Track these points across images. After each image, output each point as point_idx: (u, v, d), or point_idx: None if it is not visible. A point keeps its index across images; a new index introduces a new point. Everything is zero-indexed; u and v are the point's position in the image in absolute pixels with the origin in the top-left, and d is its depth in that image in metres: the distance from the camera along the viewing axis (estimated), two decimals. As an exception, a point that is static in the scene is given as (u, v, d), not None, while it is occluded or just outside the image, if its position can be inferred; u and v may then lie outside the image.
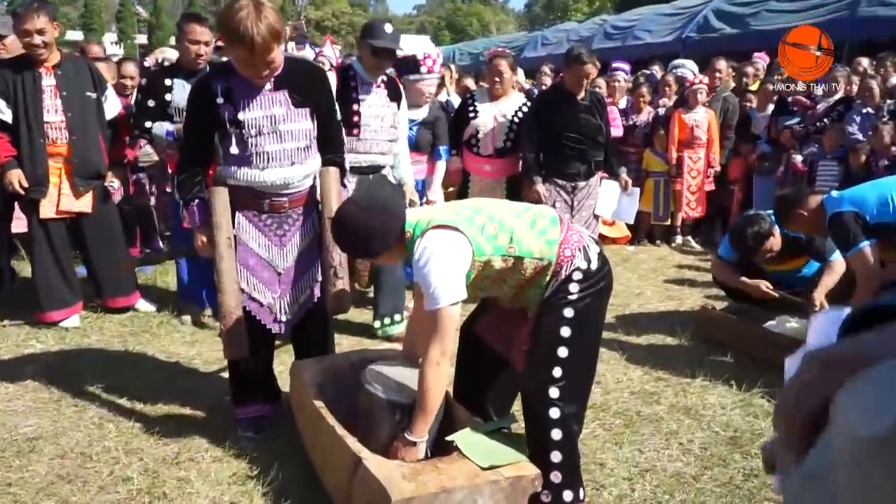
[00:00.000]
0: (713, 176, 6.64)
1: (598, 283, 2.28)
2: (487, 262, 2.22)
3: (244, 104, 2.63)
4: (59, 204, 4.03)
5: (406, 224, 2.27)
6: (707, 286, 5.39)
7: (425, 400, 2.17)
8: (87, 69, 4.15)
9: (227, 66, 2.69)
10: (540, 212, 2.33)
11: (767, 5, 11.69)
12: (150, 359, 3.75)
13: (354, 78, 3.83)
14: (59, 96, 3.95)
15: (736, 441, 2.92)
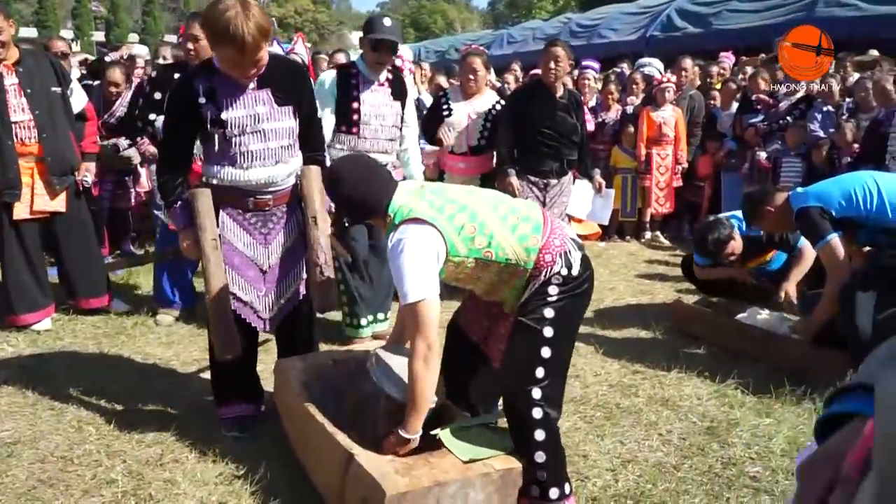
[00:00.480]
0: (681, 172, 6.78)
1: (578, 287, 2.28)
2: (461, 262, 2.24)
3: (227, 103, 2.62)
4: (33, 204, 3.95)
5: (391, 205, 2.28)
6: (677, 280, 5.50)
7: (416, 396, 2.19)
8: (48, 64, 4.06)
9: (209, 65, 2.67)
10: (525, 216, 2.31)
11: (729, 5, 11.94)
12: (126, 360, 3.70)
13: (356, 76, 3.78)
14: (24, 94, 3.86)
15: (713, 431, 3.00)
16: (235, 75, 2.57)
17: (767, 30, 10.69)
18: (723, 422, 3.08)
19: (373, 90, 3.78)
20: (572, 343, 2.40)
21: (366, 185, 2.30)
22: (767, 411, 3.16)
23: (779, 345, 3.69)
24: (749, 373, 3.50)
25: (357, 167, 2.37)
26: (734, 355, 3.78)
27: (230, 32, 2.39)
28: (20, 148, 3.87)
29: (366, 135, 3.78)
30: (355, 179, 2.30)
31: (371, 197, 2.29)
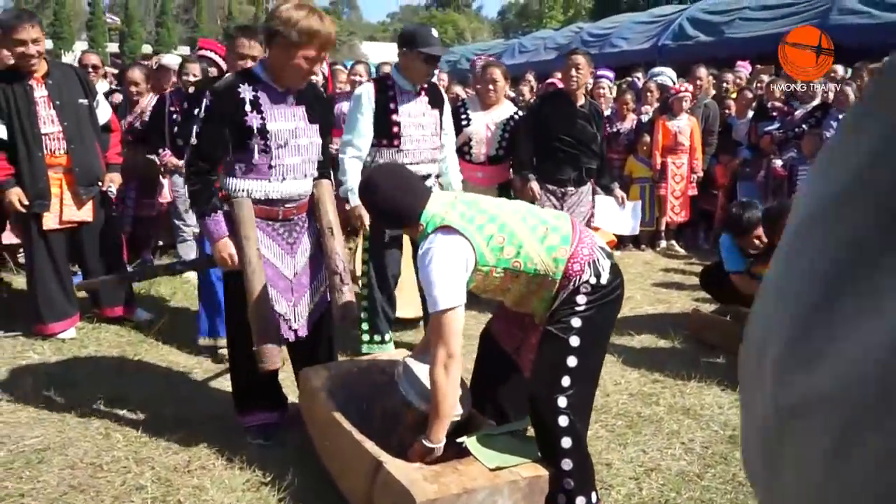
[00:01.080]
0: (696, 181, 6.78)
1: (607, 296, 2.31)
2: (490, 272, 2.27)
3: (270, 114, 2.67)
4: (62, 214, 4.01)
5: (423, 214, 2.32)
6: (694, 289, 5.50)
7: (438, 404, 2.21)
8: (75, 76, 4.13)
9: (251, 74, 2.71)
10: (554, 227, 2.35)
11: (741, 14, 11.95)
12: (150, 368, 3.75)
13: (393, 87, 3.73)
14: (53, 106, 3.93)
15: (735, 439, 3.01)
16: (290, 82, 2.67)
17: (780, 38, 10.66)
18: (745, 430, 3.08)
19: (410, 101, 3.74)
20: (602, 352, 2.42)
21: (400, 193, 2.34)
22: (789, 420, 3.16)
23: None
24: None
25: (392, 175, 2.43)
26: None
27: (320, 31, 2.53)
28: (49, 159, 3.94)
29: (406, 147, 3.70)
30: (390, 187, 2.35)
31: (404, 205, 2.33)
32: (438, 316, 2.17)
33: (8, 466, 2.73)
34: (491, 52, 18.21)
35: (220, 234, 2.70)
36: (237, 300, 2.80)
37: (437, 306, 2.16)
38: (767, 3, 12.18)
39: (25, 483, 2.62)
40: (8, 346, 3.98)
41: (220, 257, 2.72)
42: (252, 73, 2.71)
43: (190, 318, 4.51)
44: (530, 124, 4.78)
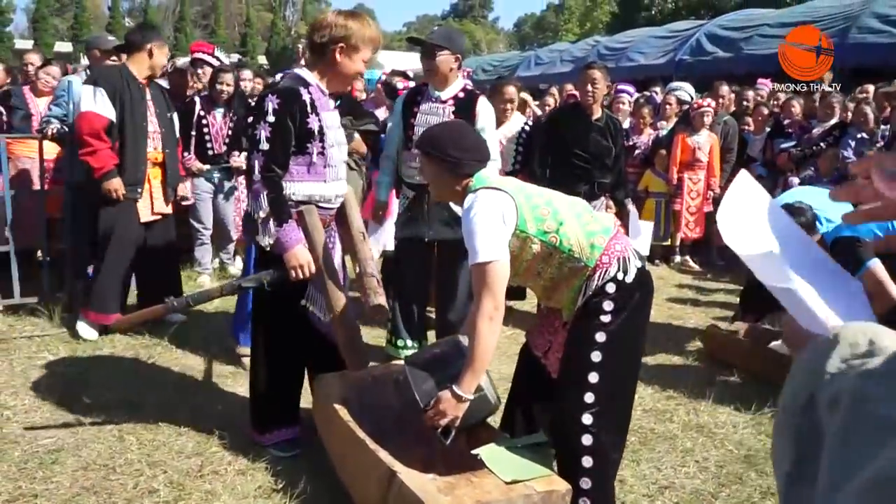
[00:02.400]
0: (712, 198, 6.76)
1: (631, 300, 2.26)
2: (526, 240, 2.24)
3: (324, 117, 2.74)
4: (153, 207, 4.23)
5: (476, 173, 2.35)
6: (708, 306, 5.48)
7: (476, 354, 2.18)
8: (161, 91, 4.39)
9: (300, 78, 2.76)
10: (597, 217, 2.37)
11: (759, 30, 11.94)
12: (164, 371, 3.76)
13: (423, 93, 3.79)
14: (155, 112, 4.21)
15: (750, 459, 2.98)
16: (343, 86, 2.83)
17: (798, 56, 10.67)
18: (760, 451, 3.05)
19: (431, 106, 3.73)
20: (631, 369, 2.37)
21: (468, 142, 2.38)
22: (805, 441, 3.12)
23: (815, 374, 3.65)
24: (785, 401, 3.46)
25: (465, 129, 2.51)
26: (769, 383, 3.75)
27: (375, 35, 2.68)
28: (150, 153, 4.17)
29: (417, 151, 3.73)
30: (462, 133, 2.42)
31: (468, 153, 2.34)
32: (480, 267, 2.16)
33: (21, 466, 2.74)
34: (507, 64, 18.28)
35: (296, 240, 2.65)
36: (269, 308, 2.81)
37: (478, 258, 2.15)
38: (785, 20, 12.16)
39: (38, 484, 2.63)
40: (23, 347, 4.00)
41: (296, 265, 2.65)
42: (301, 77, 2.75)
43: (204, 322, 4.54)
44: (544, 138, 4.81)
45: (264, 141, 2.59)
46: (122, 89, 4.00)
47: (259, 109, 2.64)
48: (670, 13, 26.61)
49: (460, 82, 3.85)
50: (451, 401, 2.21)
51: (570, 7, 46.03)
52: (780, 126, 6.75)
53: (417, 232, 3.76)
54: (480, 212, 2.19)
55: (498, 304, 2.16)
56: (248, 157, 2.69)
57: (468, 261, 2.24)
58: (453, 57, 3.70)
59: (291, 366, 2.91)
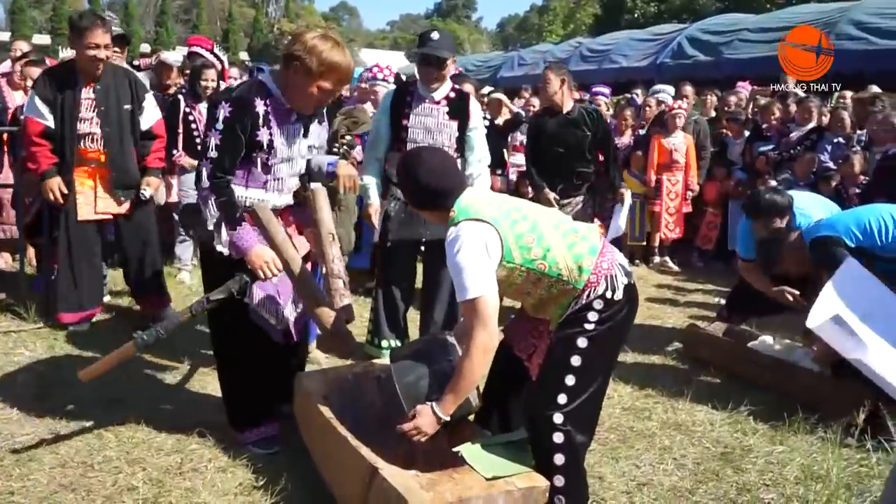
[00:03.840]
0: (690, 198, 6.83)
1: (618, 314, 2.30)
2: (513, 270, 2.27)
3: (277, 132, 2.65)
4: (97, 206, 4.10)
5: (456, 202, 2.34)
6: (687, 305, 5.54)
7: (463, 381, 2.22)
8: (126, 81, 4.22)
9: (264, 86, 2.65)
10: (584, 236, 2.36)
11: (740, 35, 12.07)
12: (142, 368, 3.73)
13: (412, 93, 3.75)
14: (97, 110, 4.04)
15: (726, 457, 3.02)
16: (301, 106, 2.65)
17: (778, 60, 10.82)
18: (736, 448, 3.10)
19: (425, 107, 3.72)
20: (605, 375, 2.42)
21: (441, 173, 2.36)
22: (780, 439, 3.18)
23: (790, 374, 3.71)
24: (761, 400, 3.52)
25: (436, 155, 2.47)
26: (745, 382, 3.81)
27: (337, 63, 2.53)
28: (85, 154, 4.06)
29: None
30: (435, 165, 2.38)
31: (443, 186, 2.35)
32: (469, 304, 2.19)
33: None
34: (490, 64, 18.33)
35: (254, 240, 2.62)
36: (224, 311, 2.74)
37: (467, 294, 2.18)
38: (765, 25, 12.31)
39: (15, 481, 2.60)
40: (0, 343, 3.96)
41: (261, 264, 2.60)
42: (265, 86, 2.65)
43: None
44: (531, 142, 5.12)
45: (213, 149, 2.56)
46: (57, 93, 3.96)
47: (211, 116, 2.59)
48: (652, 16, 26.82)
49: (449, 82, 3.84)
50: (430, 418, 2.26)
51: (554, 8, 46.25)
52: (759, 130, 6.84)
53: (414, 233, 3.75)
54: (465, 247, 2.20)
55: (492, 335, 2.20)
56: (198, 164, 2.65)
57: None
58: (452, 61, 3.76)
59: (255, 365, 2.84)
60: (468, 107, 3.79)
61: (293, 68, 2.54)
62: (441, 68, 3.68)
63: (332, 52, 2.52)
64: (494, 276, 2.23)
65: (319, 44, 2.51)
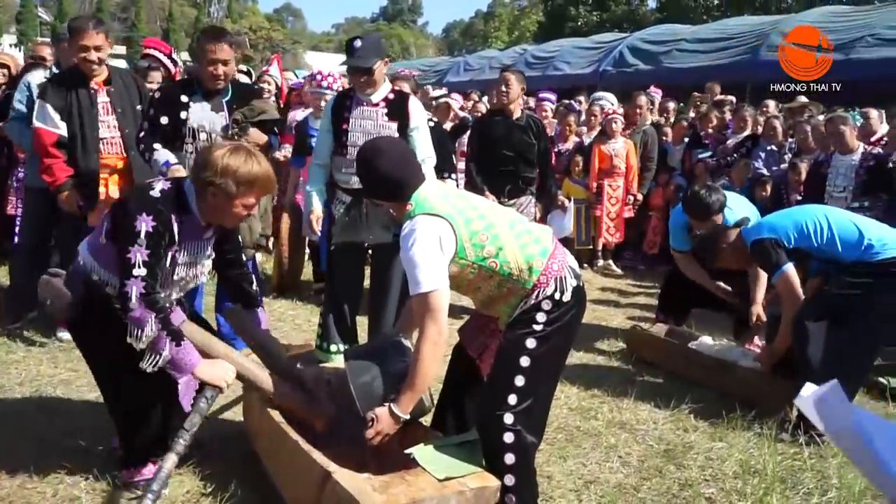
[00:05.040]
0: (632, 203, 7.00)
1: (566, 315, 2.35)
2: (466, 266, 2.31)
3: (185, 249, 2.50)
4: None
5: (415, 195, 2.35)
6: (630, 307, 5.69)
7: (418, 377, 2.25)
8: (134, 83, 4.15)
9: (182, 203, 2.45)
10: (536, 238, 2.40)
11: (678, 45, 12.46)
12: (85, 376, 3.60)
13: (351, 97, 3.78)
14: (114, 112, 3.94)
15: (669, 454, 3.12)
16: (227, 224, 2.56)
17: (714, 69, 11.21)
18: (678, 445, 3.20)
19: (363, 110, 3.74)
20: (555, 376, 2.48)
21: (403, 164, 2.39)
22: (720, 435, 3.30)
23: (729, 372, 3.85)
24: (701, 398, 3.65)
25: (396, 146, 2.49)
26: (687, 381, 3.93)
27: (256, 176, 2.40)
28: (102, 160, 3.92)
29: (352, 156, 3.67)
30: (394, 157, 2.38)
31: (403, 177, 2.36)
32: (423, 297, 2.21)
33: (-71, 476, 2.60)
34: (436, 69, 18.41)
35: (198, 356, 2.45)
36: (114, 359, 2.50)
37: (420, 288, 2.20)
38: (702, 36, 12.74)
39: (-51, 494, 2.50)
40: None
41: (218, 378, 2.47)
42: (185, 202, 2.44)
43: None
44: (476, 142, 5.15)
45: (140, 265, 2.33)
46: (70, 100, 3.84)
47: (128, 229, 2.33)
48: (595, 25, 27.41)
49: (388, 84, 3.87)
50: (388, 419, 2.28)
51: (500, 15, 46.73)
52: (698, 137, 7.08)
53: (356, 237, 3.76)
54: (419, 241, 2.23)
55: (441, 329, 2.23)
56: (122, 284, 2.35)
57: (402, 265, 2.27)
58: (383, 62, 3.76)
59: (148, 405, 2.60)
60: (407, 107, 3.80)
61: (210, 193, 2.38)
62: (369, 75, 3.69)
63: (248, 166, 2.38)
64: (447, 272, 2.26)
65: (232, 162, 2.37)
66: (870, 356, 3.48)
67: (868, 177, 5.02)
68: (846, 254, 3.34)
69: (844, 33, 9.77)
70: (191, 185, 2.46)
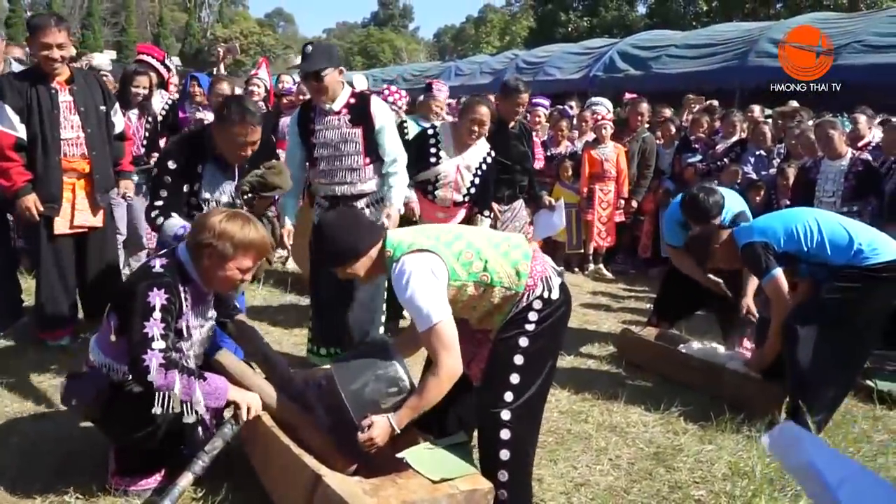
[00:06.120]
0: (623, 207, 7.03)
1: (556, 312, 2.42)
2: (462, 286, 2.36)
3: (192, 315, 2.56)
4: (73, 219, 3.90)
5: (388, 242, 2.39)
6: (621, 311, 5.71)
7: (424, 400, 2.29)
8: (96, 83, 4.08)
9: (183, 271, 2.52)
10: (516, 244, 2.48)
11: (668, 51, 12.55)
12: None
13: (315, 108, 3.76)
14: (77, 112, 3.85)
15: (659, 456, 3.14)
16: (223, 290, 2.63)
17: (703, 75, 11.29)
18: (668, 448, 3.22)
19: (327, 120, 3.72)
20: (548, 373, 2.50)
21: (348, 227, 2.43)
22: (709, 438, 3.32)
23: (717, 375, 3.87)
24: (691, 401, 3.67)
25: (342, 215, 2.54)
26: (676, 384, 3.95)
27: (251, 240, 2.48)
28: (66, 164, 3.84)
29: (322, 167, 3.74)
30: (338, 224, 2.45)
31: (353, 238, 2.40)
32: (431, 332, 2.25)
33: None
34: (428, 74, 18.44)
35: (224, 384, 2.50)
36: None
37: (428, 323, 2.24)
38: (691, 42, 12.82)
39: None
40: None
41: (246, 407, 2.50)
42: (185, 269, 2.52)
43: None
44: None
45: (158, 338, 2.36)
46: (30, 99, 3.71)
47: (142, 303, 2.37)
48: (585, 31, 27.55)
49: (347, 89, 3.82)
50: (386, 430, 2.30)
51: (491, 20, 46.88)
52: (688, 141, 7.12)
53: None
54: (413, 278, 2.26)
55: (457, 359, 2.27)
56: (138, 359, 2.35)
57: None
58: (337, 71, 3.70)
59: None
60: (369, 109, 3.74)
61: (206, 255, 2.45)
62: (319, 80, 3.62)
63: (245, 231, 2.46)
64: (447, 301, 2.29)
65: (229, 227, 2.44)
66: (859, 360, 3.51)
67: (857, 182, 5.08)
68: (835, 258, 3.37)
69: (832, 39, 9.87)
70: (185, 252, 2.52)
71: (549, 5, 30.09)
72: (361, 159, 3.74)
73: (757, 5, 25.09)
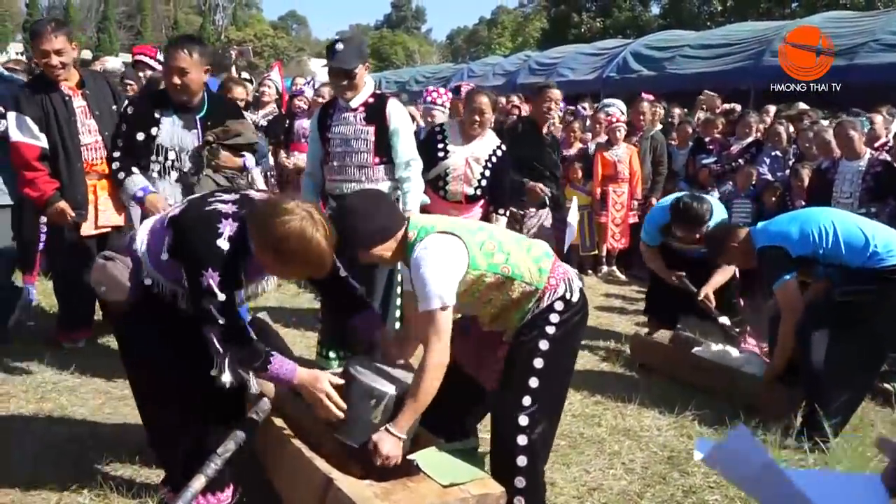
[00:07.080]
0: (637, 208, 6.99)
1: (576, 315, 2.41)
2: (480, 276, 2.32)
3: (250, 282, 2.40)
4: (98, 220, 3.91)
5: (411, 225, 2.35)
6: (635, 314, 5.67)
7: (420, 397, 2.23)
8: (106, 84, 4.10)
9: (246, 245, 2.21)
10: (536, 242, 2.49)
11: (682, 51, 12.47)
12: (90, 384, 3.63)
13: (335, 105, 3.78)
14: (92, 116, 3.86)
15: (673, 460, 3.12)
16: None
17: (718, 75, 11.21)
18: (682, 452, 3.19)
19: (344, 117, 3.71)
20: (567, 377, 2.50)
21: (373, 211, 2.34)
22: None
23: (733, 379, 3.84)
24: (705, 405, 3.63)
25: (364, 197, 2.49)
26: (690, 388, 3.92)
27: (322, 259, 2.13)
28: (88, 168, 3.86)
29: (334, 163, 3.73)
30: (362, 209, 2.36)
31: (379, 223, 2.33)
32: (433, 314, 2.20)
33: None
34: (440, 75, 18.48)
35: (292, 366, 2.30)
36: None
37: (431, 304, 2.19)
38: (705, 42, 12.74)
39: (-47, 500, 2.51)
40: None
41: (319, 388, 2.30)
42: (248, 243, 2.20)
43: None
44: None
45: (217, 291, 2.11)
46: (47, 109, 3.70)
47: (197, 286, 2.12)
48: (598, 31, 27.45)
49: (369, 87, 3.79)
50: (392, 442, 2.23)
51: (503, 22, 46.85)
52: (702, 143, 7.07)
53: None
54: (431, 258, 2.23)
55: (446, 348, 2.24)
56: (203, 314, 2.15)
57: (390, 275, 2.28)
58: (365, 67, 3.74)
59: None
60: (385, 110, 3.71)
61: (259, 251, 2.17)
62: (350, 78, 3.63)
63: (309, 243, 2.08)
64: (455, 291, 2.25)
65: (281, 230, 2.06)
66: (876, 362, 3.47)
67: (875, 183, 5.02)
68: (851, 259, 3.33)
69: (847, 38, 9.77)
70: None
71: (562, 6, 30.01)
72: (371, 157, 3.70)
73: (772, 5, 24.92)
